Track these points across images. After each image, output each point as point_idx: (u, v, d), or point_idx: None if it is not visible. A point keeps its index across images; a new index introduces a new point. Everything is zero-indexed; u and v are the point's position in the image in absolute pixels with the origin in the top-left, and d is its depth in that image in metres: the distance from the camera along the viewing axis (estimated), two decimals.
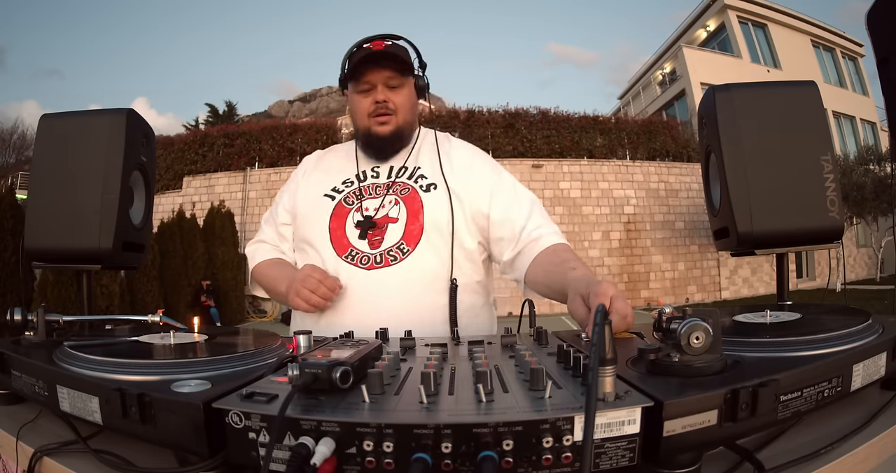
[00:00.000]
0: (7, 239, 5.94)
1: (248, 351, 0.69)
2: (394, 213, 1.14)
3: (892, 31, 1.11)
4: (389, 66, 1.13)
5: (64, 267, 1.12)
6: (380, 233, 1.12)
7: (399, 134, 1.18)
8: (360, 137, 1.21)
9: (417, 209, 1.13)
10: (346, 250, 1.12)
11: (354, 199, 1.17)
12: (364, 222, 1.13)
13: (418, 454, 0.43)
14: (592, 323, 0.49)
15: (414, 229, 1.12)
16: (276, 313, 11.00)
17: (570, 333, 0.87)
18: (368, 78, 1.13)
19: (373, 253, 1.10)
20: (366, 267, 1.09)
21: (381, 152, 1.20)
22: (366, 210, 1.14)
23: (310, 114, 65.59)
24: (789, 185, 1.06)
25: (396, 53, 1.13)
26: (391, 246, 1.11)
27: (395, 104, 1.15)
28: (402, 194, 1.16)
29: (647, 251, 12.36)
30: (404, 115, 1.17)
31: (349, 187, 1.20)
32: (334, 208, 1.17)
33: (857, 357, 0.61)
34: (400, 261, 1.10)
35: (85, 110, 1.18)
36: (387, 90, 1.14)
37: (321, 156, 1.32)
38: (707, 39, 18.41)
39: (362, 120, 1.17)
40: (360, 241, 1.12)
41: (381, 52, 1.12)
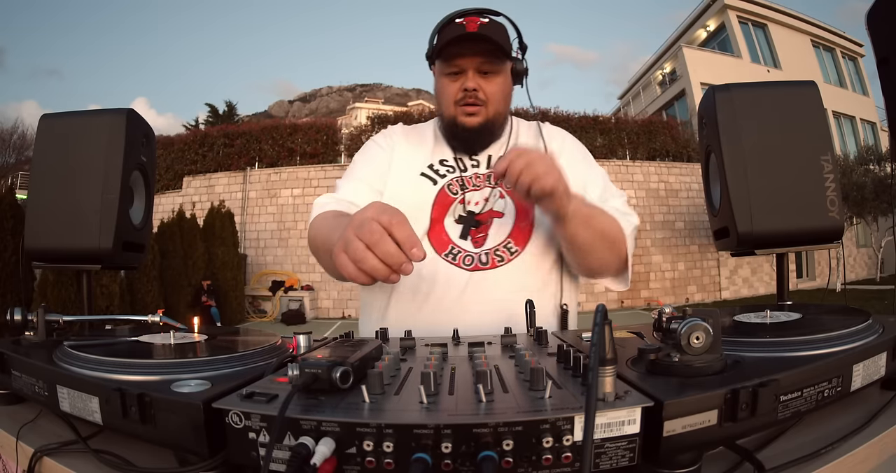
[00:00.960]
0: (7, 239, 5.93)
1: (248, 351, 0.69)
2: (499, 207, 1.04)
3: (892, 31, 1.10)
4: (483, 51, 1.00)
5: (64, 267, 1.12)
6: (483, 228, 1.02)
7: (489, 127, 1.06)
8: (445, 125, 1.09)
9: (528, 205, 1.03)
10: (447, 247, 1.00)
11: (458, 189, 1.05)
12: (467, 219, 1.01)
13: (418, 454, 0.43)
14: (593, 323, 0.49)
15: (524, 227, 1.02)
16: (276, 313, 11.01)
17: (570, 333, 0.87)
18: (458, 62, 1.01)
19: (476, 252, 1.00)
20: (469, 268, 0.99)
21: (468, 145, 1.09)
22: (469, 203, 1.03)
23: (310, 114, 65.58)
24: (789, 185, 1.06)
25: (492, 36, 0.98)
26: (497, 246, 1.01)
27: (487, 94, 1.03)
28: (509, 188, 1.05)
29: (647, 251, 12.35)
30: (496, 106, 1.05)
31: (451, 173, 1.07)
32: (437, 194, 1.04)
33: (857, 357, 0.61)
34: (507, 262, 1.00)
35: (85, 110, 1.18)
36: (478, 77, 1.02)
37: (407, 130, 1.17)
38: (707, 39, 18.40)
39: (448, 106, 1.05)
40: (461, 240, 1.01)
41: (476, 33, 0.97)
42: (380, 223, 0.61)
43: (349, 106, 55.39)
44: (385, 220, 0.61)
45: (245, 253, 11.48)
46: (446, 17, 1.03)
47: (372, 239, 0.60)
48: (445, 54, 1.01)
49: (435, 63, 1.07)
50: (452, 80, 1.04)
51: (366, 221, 0.61)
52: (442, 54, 1.01)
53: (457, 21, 1.01)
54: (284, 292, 10.96)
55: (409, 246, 0.60)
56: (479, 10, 1.02)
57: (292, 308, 10.82)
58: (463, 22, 1.00)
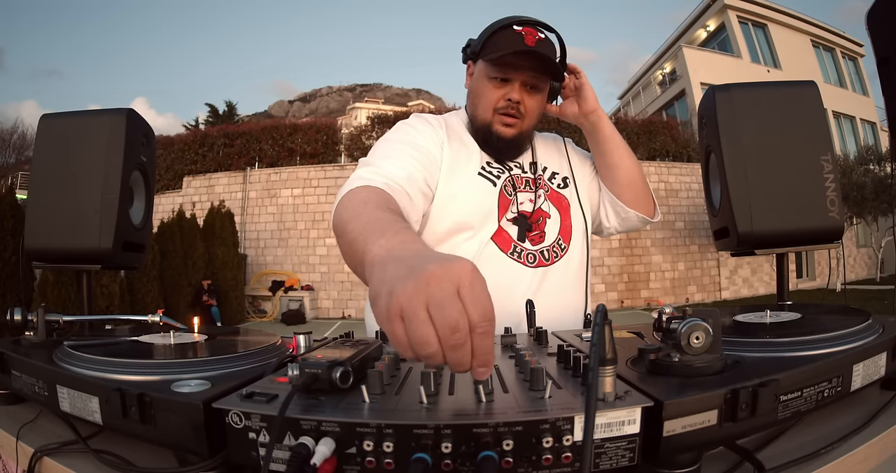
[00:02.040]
0: (7, 239, 5.93)
1: (248, 351, 0.69)
2: (545, 208, 1.11)
3: (892, 31, 1.10)
4: (536, 68, 1.01)
5: (64, 267, 1.12)
6: (538, 227, 1.08)
7: (521, 140, 1.10)
8: (478, 128, 1.09)
9: (566, 206, 1.14)
10: (510, 246, 1.04)
11: (511, 190, 1.08)
12: (520, 220, 1.06)
13: (418, 454, 0.43)
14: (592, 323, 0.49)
15: (567, 226, 1.12)
16: (276, 313, 11.01)
17: (570, 333, 0.87)
18: (510, 72, 1.02)
19: (536, 249, 1.06)
20: (533, 266, 1.04)
21: (498, 154, 1.10)
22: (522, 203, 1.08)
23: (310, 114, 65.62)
24: (789, 185, 1.06)
25: (547, 55, 0.99)
26: (552, 243, 1.09)
27: (527, 108, 1.05)
28: (546, 191, 1.13)
29: (647, 251, 12.35)
30: (531, 121, 1.08)
31: (502, 173, 1.09)
32: (499, 196, 1.06)
33: (857, 357, 0.61)
34: (560, 258, 1.08)
35: (85, 110, 1.18)
36: (523, 91, 1.04)
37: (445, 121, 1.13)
38: (707, 39, 18.40)
39: (486, 111, 1.06)
40: (520, 242, 1.06)
41: (534, 50, 0.98)
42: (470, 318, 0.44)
43: (349, 106, 55.40)
44: (476, 317, 0.44)
45: (245, 253, 11.48)
46: (503, 20, 1.02)
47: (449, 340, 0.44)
48: (500, 62, 1.00)
49: (476, 62, 1.07)
50: (497, 87, 1.03)
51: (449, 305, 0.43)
52: (496, 60, 1.00)
53: (515, 28, 1.00)
54: (284, 292, 10.96)
55: (480, 363, 0.45)
56: (536, 22, 1.02)
57: (292, 308, 10.82)
58: (521, 32, 0.99)
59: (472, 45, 1.07)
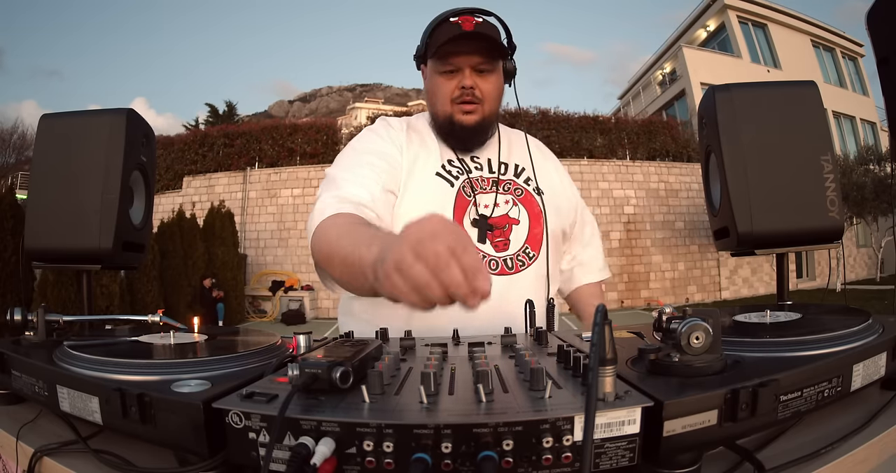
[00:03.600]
0: (7, 239, 5.94)
1: (248, 351, 0.69)
2: (514, 214, 1.07)
3: (892, 31, 1.10)
4: (481, 50, 1.01)
5: (64, 267, 1.12)
6: (502, 234, 1.04)
7: (485, 125, 1.07)
8: (441, 124, 1.08)
9: (538, 213, 1.09)
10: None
11: (470, 191, 1.05)
12: (480, 222, 1.03)
13: (418, 454, 0.43)
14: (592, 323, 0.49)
15: (537, 233, 1.07)
16: (276, 313, 11.01)
17: (570, 333, 0.87)
18: (455, 60, 1.01)
19: (501, 256, 1.03)
20: (496, 273, 1.01)
21: (463, 143, 1.09)
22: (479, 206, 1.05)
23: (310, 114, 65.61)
24: (789, 185, 1.06)
25: (489, 35, 0.99)
26: (518, 250, 1.05)
27: (483, 92, 1.04)
28: (518, 195, 1.09)
29: (647, 251, 12.35)
30: (491, 105, 1.06)
31: (461, 174, 1.07)
32: (456, 196, 1.04)
33: (857, 357, 0.61)
34: (527, 267, 1.04)
35: (85, 110, 1.18)
36: (475, 75, 1.02)
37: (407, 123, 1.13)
38: (707, 39, 18.40)
39: (444, 105, 1.05)
40: (480, 244, 1.02)
41: (473, 32, 0.98)
42: (446, 245, 0.48)
43: (349, 106, 55.37)
44: (451, 242, 0.48)
45: (245, 253, 11.48)
46: (439, 16, 1.03)
47: (437, 264, 0.47)
48: (442, 52, 1.01)
49: (427, 63, 1.07)
50: (448, 79, 1.04)
51: (428, 239, 0.49)
52: (438, 52, 1.01)
53: (451, 20, 1.01)
54: (284, 292, 10.97)
55: (473, 277, 0.48)
56: (472, 10, 1.02)
57: (292, 308, 10.82)
58: (458, 21, 1.00)
59: (419, 48, 1.08)
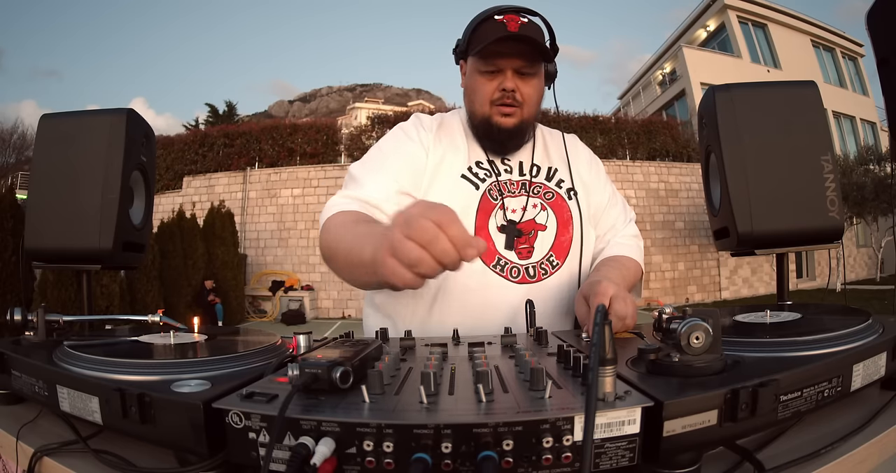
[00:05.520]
0: (7, 239, 5.93)
1: (248, 351, 0.69)
2: (541, 220, 1.03)
3: (892, 32, 1.10)
4: (525, 53, 0.98)
5: (64, 267, 1.12)
6: (527, 240, 1.01)
7: (523, 128, 1.05)
8: (478, 124, 1.05)
9: (567, 219, 1.05)
10: (494, 257, 0.98)
11: (497, 194, 1.02)
12: (509, 228, 1.00)
13: (418, 454, 0.43)
14: (592, 322, 0.49)
15: (564, 241, 1.03)
16: (276, 313, 11.01)
17: (570, 333, 0.87)
18: (498, 61, 0.98)
19: (523, 264, 0.99)
20: (516, 281, 0.98)
21: (500, 146, 1.06)
22: (508, 210, 1.02)
23: (310, 114, 65.58)
24: (789, 185, 1.06)
25: (534, 38, 0.96)
26: (542, 259, 1.01)
27: (524, 95, 1.01)
28: (548, 199, 1.06)
29: (647, 251, 12.27)
30: (530, 108, 1.04)
31: (488, 177, 1.05)
32: (480, 200, 1.01)
33: (857, 357, 0.61)
34: (550, 276, 1.00)
35: (85, 110, 1.18)
36: (517, 78, 1.00)
37: (438, 122, 1.11)
38: (707, 39, 18.40)
39: (483, 105, 1.02)
40: (507, 251, 0.99)
41: (518, 34, 0.95)
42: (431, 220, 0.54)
43: (349, 106, 55.37)
44: (436, 217, 0.54)
45: (245, 253, 11.47)
46: (483, 12, 1.00)
47: (426, 238, 0.53)
48: (485, 52, 0.98)
49: (467, 59, 1.04)
50: (489, 79, 1.01)
51: (414, 218, 0.54)
52: (481, 52, 0.98)
53: (496, 18, 0.97)
54: (284, 292, 10.96)
55: (463, 245, 0.53)
56: (518, 9, 0.99)
57: (292, 308, 10.82)
58: (503, 20, 0.97)
59: (460, 43, 1.05)
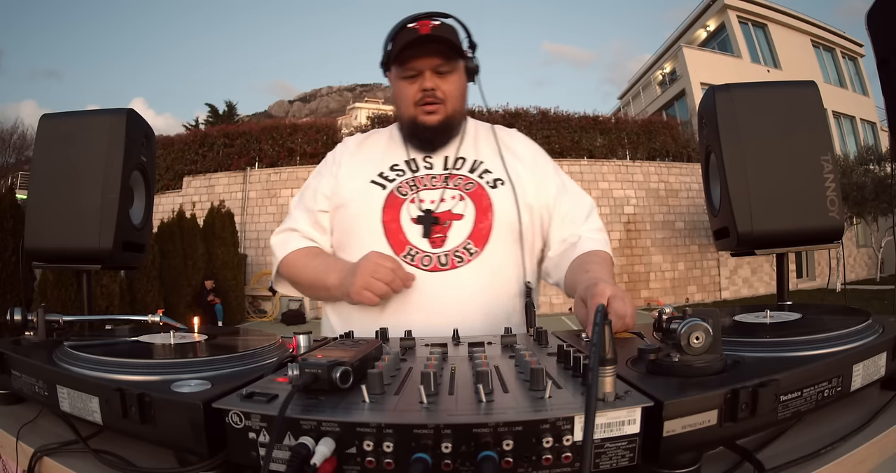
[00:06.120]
0: (7, 239, 5.94)
1: (248, 351, 0.69)
2: (458, 210, 1.06)
3: (892, 32, 1.10)
4: (438, 52, 1.03)
5: (64, 267, 1.12)
6: (442, 230, 1.04)
7: (449, 124, 1.10)
8: (406, 126, 1.12)
9: (486, 206, 1.06)
10: (404, 248, 1.02)
11: (408, 189, 1.07)
12: (426, 217, 1.04)
13: (418, 454, 0.43)
14: (592, 323, 0.49)
15: (483, 228, 1.04)
16: (276, 313, 11.00)
17: (570, 333, 0.87)
18: (414, 64, 1.04)
19: (435, 252, 1.02)
20: (428, 269, 1.01)
21: (428, 143, 1.12)
22: (423, 201, 1.06)
23: (310, 114, 65.60)
24: (789, 185, 1.06)
25: (446, 37, 1.02)
26: (457, 247, 1.03)
27: (444, 92, 1.06)
28: (468, 189, 1.08)
29: (647, 251, 12.34)
30: (454, 104, 1.09)
31: (400, 176, 1.10)
32: (386, 198, 1.07)
33: (857, 357, 0.61)
34: (467, 263, 1.02)
35: (85, 110, 1.18)
36: (435, 77, 1.05)
37: (362, 139, 1.21)
38: (707, 39, 18.40)
39: (408, 108, 1.08)
40: (422, 239, 1.03)
41: (429, 35, 1.01)
42: (386, 267, 0.94)
43: (349, 106, 55.34)
44: (390, 263, 0.95)
45: (245, 253, 11.47)
46: (398, 23, 1.06)
47: (389, 279, 0.94)
48: (402, 58, 1.04)
49: (391, 69, 1.10)
50: (410, 83, 1.07)
51: (379, 268, 0.94)
52: (398, 59, 1.04)
53: (409, 26, 1.04)
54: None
55: (408, 281, 0.97)
56: (429, 14, 1.05)
57: (292, 308, 10.82)
58: (416, 26, 1.03)
59: (382, 56, 1.10)
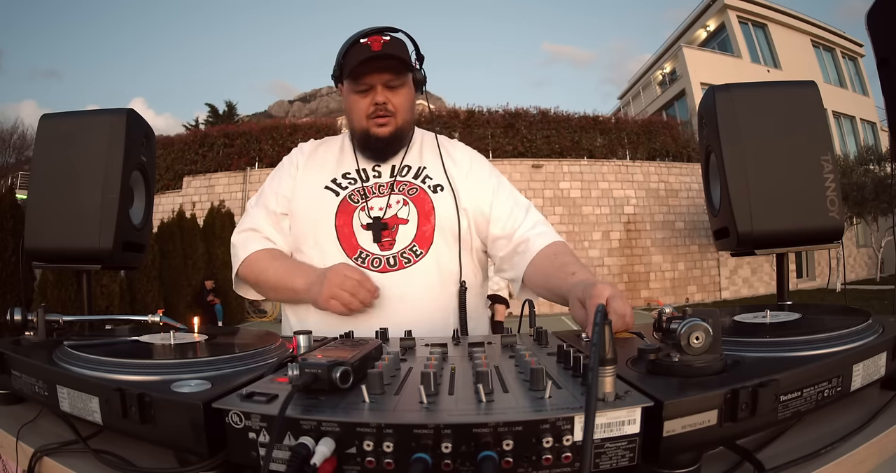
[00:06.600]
0: (7, 239, 5.94)
1: (248, 351, 0.69)
2: (403, 214, 1.12)
3: (892, 32, 1.10)
4: (389, 68, 1.08)
5: (64, 267, 1.12)
6: (389, 234, 1.10)
7: (399, 135, 1.15)
8: (358, 137, 1.17)
9: (429, 210, 1.12)
10: (356, 251, 1.09)
11: (359, 198, 1.14)
12: (375, 224, 1.10)
13: (418, 454, 0.43)
14: (592, 323, 0.49)
15: (426, 231, 1.11)
16: (276, 313, 10.99)
17: (570, 333, 0.87)
18: (367, 79, 1.09)
19: (384, 255, 1.08)
20: (378, 270, 1.07)
21: (380, 154, 1.17)
22: (372, 209, 1.12)
23: (310, 114, 65.57)
24: (789, 185, 1.06)
25: (396, 54, 1.07)
26: (403, 249, 1.09)
27: (395, 105, 1.12)
28: (411, 194, 1.14)
29: (647, 251, 12.35)
30: (403, 116, 1.14)
31: (352, 184, 1.16)
32: (340, 204, 1.13)
33: (857, 357, 0.61)
34: (413, 264, 1.08)
35: (85, 110, 1.18)
36: (386, 91, 1.11)
37: (316, 146, 1.28)
38: (707, 39, 18.40)
39: (360, 120, 1.14)
40: (372, 244, 1.09)
41: (380, 53, 1.06)
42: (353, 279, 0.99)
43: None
44: (357, 276, 1.00)
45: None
46: (350, 38, 1.09)
47: (356, 290, 0.99)
48: (355, 74, 1.09)
49: (343, 82, 1.15)
50: (362, 96, 1.12)
51: (347, 280, 0.99)
52: (352, 74, 1.09)
53: (361, 42, 1.08)
54: None
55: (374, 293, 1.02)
56: (380, 29, 1.09)
57: None
58: (367, 42, 1.07)
59: (335, 69, 1.15)
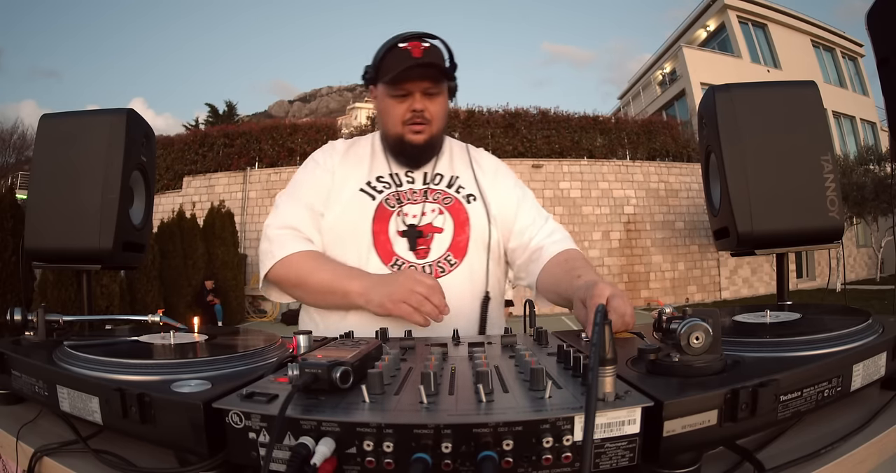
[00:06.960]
0: (7, 239, 5.94)
1: (248, 351, 0.69)
2: (438, 223, 1.11)
3: (892, 31, 1.10)
4: (430, 76, 1.08)
5: (64, 267, 1.12)
6: (425, 242, 1.09)
7: (433, 143, 1.15)
8: (392, 143, 1.16)
9: (464, 220, 1.12)
10: (391, 258, 1.08)
11: (395, 202, 1.12)
12: (410, 231, 1.09)
13: (418, 454, 0.43)
14: (592, 323, 0.49)
15: (461, 240, 1.11)
16: (276, 313, 11.00)
17: (570, 333, 0.87)
18: (406, 85, 1.08)
19: (419, 263, 1.08)
20: None
21: (413, 160, 1.16)
22: (406, 215, 1.11)
23: (310, 114, 65.55)
24: (789, 185, 1.06)
25: (437, 62, 1.08)
26: (439, 258, 1.09)
27: (432, 113, 1.11)
28: (446, 204, 1.14)
29: (647, 251, 12.34)
30: (439, 124, 1.14)
31: (387, 188, 1.14)
32: (377, 209, 1.11)
33: (857, 357, 0.61)
34: (448, 273, 1.08)
35: (85, 110, 1.18)
36: (424, 99, 1.10)
37: (348, 146, 1.24)
38: (707, 39, 18.40)
39: (395, 126, 1.12)
40: (408, 252, 1.08)
41: (423, 61, 1.05)
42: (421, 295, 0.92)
43: (349, 106, 55.30)
44: (424, 291, 0.93)
45: (245, 253, 11.47)
46: (388, 41, 1.09)
47: (418, 303, 0.93)
48: (395, 79, 1.07)
49: (376, 84, 1.14)
50: (399, 102, 1.10)
51: (412, 294, 0.93)
52: (392, 79, 1.07)
53: (400, 46, 1.07)
54: None
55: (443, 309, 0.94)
56: (419, 35, 1.08)
57: (292, 308, 10.79)
58: (407, 47, 1.06)
59: (369, 71, 1.14)
